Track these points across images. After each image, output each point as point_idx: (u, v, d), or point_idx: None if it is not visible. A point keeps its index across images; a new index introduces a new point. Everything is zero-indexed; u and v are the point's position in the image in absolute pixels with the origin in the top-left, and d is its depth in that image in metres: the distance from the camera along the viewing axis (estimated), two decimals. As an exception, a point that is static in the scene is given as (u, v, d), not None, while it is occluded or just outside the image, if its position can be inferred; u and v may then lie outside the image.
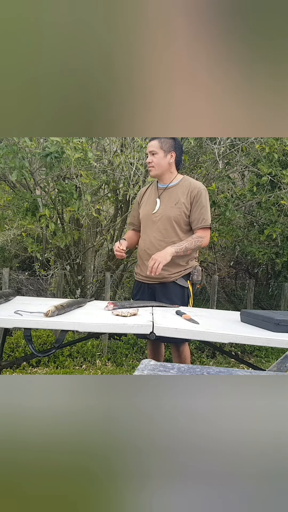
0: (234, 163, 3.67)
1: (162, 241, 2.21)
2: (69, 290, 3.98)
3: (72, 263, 3.88)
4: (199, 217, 2.20)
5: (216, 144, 3.35)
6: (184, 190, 2.23)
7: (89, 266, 3.93)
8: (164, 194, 2.27)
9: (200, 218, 2.20)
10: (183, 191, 2.23)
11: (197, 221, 2.21)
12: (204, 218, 2.21)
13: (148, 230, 2.28)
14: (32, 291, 4.19)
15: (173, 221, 2.20)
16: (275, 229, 3.52)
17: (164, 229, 2.22)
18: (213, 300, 3.91)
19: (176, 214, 2.20)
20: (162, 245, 2.19)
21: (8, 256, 5.05)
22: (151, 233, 2.26)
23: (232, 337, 1.52)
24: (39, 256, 3.60)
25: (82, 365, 3.43)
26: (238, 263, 5.24)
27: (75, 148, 2.65)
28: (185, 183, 2.25)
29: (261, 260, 4.08)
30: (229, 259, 5.14)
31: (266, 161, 3.24)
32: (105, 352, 3.63)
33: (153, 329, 1.55)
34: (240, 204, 3.71)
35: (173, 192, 2.25)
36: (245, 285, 4.67)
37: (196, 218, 2.21)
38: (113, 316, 1.74)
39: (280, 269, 4.89)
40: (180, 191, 2.23)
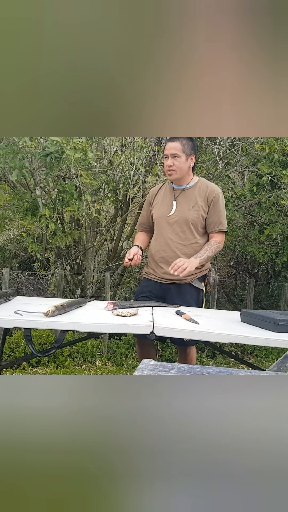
0: (234, 163, 3.67)
1: (179, 243, 2.19)
2: (69, 290, 3.98)
3: (72, 263, 3.88)
4: (216, 221, 2.20)
5: (216, 144, 3.35)
6: (201, 192, 2.21)
7: (89, 266, 3.93)
8: (181, 196, 2.23)
9: (217, 221, 2.20)
10: (200, 193, 2.21)
11: (213, 225, 2.20)
12: (221, 222, 2.21)
13: (163, 231, 2.24)
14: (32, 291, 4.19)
15: (190, 224, 2.18)
16: (275, 229, 3.52)
17: (182, 231, 2.20)
18: (213, 300, 3.91)
19: (194, 216, 2.18)
20: (179, 247, 2.18)
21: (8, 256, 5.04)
22: (167, 235, 2.22)
23: (232, 337, 1.52)
24: (39, 256, 3.60)
25: (82, 365, 3.43)
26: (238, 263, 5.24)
27: (75, 148, 2.65)
28: (202, 186, 2.23)
29: (261, 260, 4.08)
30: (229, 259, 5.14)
31: (266, 161, 3.24)
32: (105, 352, 3.63)
33: (153, 329, 1.55)
34: (240, 204, 3.71)
35: (190, 194, 2.22)
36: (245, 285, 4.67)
37: (213, 222, 2.20)
38: (113, 316, 1.74)
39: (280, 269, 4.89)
40: (197, 193, 2.21)
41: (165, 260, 2.22)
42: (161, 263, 2.23)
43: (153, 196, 2.38)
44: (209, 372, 0.84)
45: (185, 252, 2.18)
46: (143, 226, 2.42)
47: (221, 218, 2.21)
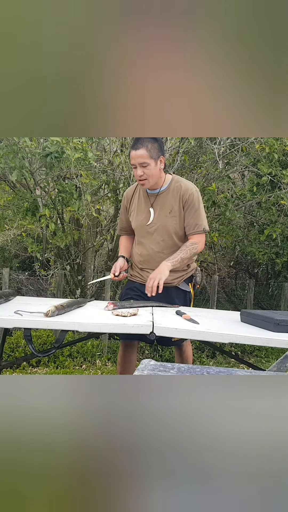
0: (234, 163, 3.67)
1: (161, 252, 2.12)
2: (69, 290, 3.98)
3: (72, 263, 3.88)
4: (192, 223, 2.09)
5: (216, 144, 3.35)
6: (175, 195, 2.10)
7: (89, 266, 3.93)
8: (157, 202, 2.13)
9: (193, 224, 2.09)
10: (174, 196, 2.10)
11: (190, 227, 2.10)
12: (197, 224, 2.10)
13: (144, 241, 2.17)
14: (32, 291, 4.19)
15: (171, 232, 2.11)
16: (275, 229, 3.52)
17: (162, 240, 2.12)
18: (213, 300, 3.91)
19: (172, 224, 2.10)
20: (161, 256, 2.10)
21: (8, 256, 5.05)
22: (148, 245, 2.16)
23: (232, 337, 1.52)
24: (39, 256, 3.60)
25: (82, 365, 3.44)
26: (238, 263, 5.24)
27: (75, 148, 2.65)
28: (175, 186, 2.12)
29: (261, 260, 4.08)
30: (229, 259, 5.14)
31: (266, 161, 3.24)
32: (105, 352, 3.63)
33: (153, 329, 1.55)
34: (240, 204, 3.71)
35: (165, 199, 2.12)
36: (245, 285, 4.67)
37: (189, 224, 2.10)
38: (113, 316, 1.74)
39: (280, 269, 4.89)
40: (172, 197, 2.11)
41: (148, 267, 2.16)
42: (145, 270, 2.19)
43: (128, 200, 2.26)
44: (209, 372, 0.84)
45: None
46: (125, 230, 2.34)
47: (198, 219, 2.10)
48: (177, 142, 3.50)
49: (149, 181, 2.05)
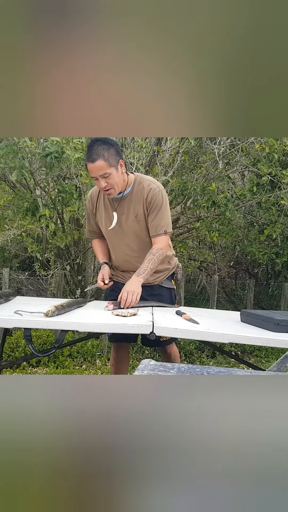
0: (234, 163, 3.67)
1: (136, 256, 2.07)
2: (69, 290, 3.98)
3: (72, 263, 3.89)
4: (155, 224, 2.00)
5: (216, 144, 3.35)
6: (139, 197, 2.01)
7: (89, 266, 3.93)
8: (121, 206, 2.04)
9: (155, 226, 2.00)
10: (138, 199, 2.02)
11: (152, 229, 2.02)
12: (159, 225, 2.00)
13: (116, 247, 2.12)
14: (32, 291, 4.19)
15: (141, 236, 2.05)
16: (275, 229, 3.53)
17: (134, 244, 2.08)
18: (213, 300, 3.91)
19: (141, 229, 2.04)
20: (137, 259, 2.05)
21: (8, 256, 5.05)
22: (122, 250, 2.11)
23: (232, 337, 1.52)
24: (39, 256, 3.60)
25: (82, 365, 3.44)
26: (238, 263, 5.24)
27: (75, 148, 2.65)
28: (138, 188, 2.03)
29: (261, 260, 4.09)
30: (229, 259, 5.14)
31: (266, 161, 3.24)
32: (105, 352, 3.63)
33: (153, 329, 1.55)
34: (240, 204, 3.71)
35: (130, 202, 2.03)
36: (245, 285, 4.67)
37: (152, 226, 2.01)
38: (113, 316, 1.74)
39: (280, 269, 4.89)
40: (136, 200, 2.02)
41: (128, 271, 2.13)
42: (124, 273, 2.16)
43: (94, 205, 2.16)
44: (209, 372, 0.84)
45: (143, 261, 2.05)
46: (96, 233, 2.24)
47: (160, 221, 2.00)
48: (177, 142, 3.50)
49: (115, 189, 1.96)
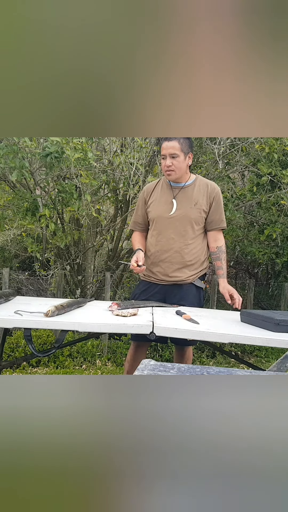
0: (234, 163, 3.67)
1: (182, 242, 2.17)
2: (69, 290, 3.98)
3: (72, 263, 3.88)
4: (218, 219, 2.21)
5: (216, 144, 3.35)
6: (202, 191, 2.19)
7: (89, 266, 3.93)
8: (181, 194, 2.19)
9: (219, 219, 2.21)
10: (200, 192, 2.19)
11: (215, 223, 2.21)
12: (223, 220, 2.23)
13: (164, 231, 2.20)
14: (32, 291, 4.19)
15: (193, 222, 2.17)
16: (275, 229, 3.52)
17: (184, 230, 2.17)
18: (213, 300, 3.91)
19: (196, 215, 2.16)
20: (181, 246, 2.16)
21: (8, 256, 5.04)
22: (169, 235, 2.18)
23: (232, 337, 1.52)
24: (39, 256, 3.60)
25: (82, 365, 3.43)
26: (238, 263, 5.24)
27: (75, 148, 2.65)
28: (201, 183, 2.21)
29: (261, 260, 4.08)
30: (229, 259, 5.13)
31: (266, 161, 3.24)
32: (105, 352, 3.63)
33: (153, 329, 1.55)
34: (240, 204, 3.71)
35: (190, 193, 2.19)
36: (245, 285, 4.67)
37: (215, 220, 2.21)
38: (113, 316, 1.74)
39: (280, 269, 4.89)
40: (197, 192, 2.19)
41: (166, 260, 2.19)
42: (161, 263, 2.20)
43: (149, 193, 2.30)
44: (209, 372, 0.84)
45: (187, 252, 2.17)
46: (139, 226, 2.35)
47: (222, 216, 2.23)
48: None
49: (176, 172, 2.13)
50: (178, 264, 2.17)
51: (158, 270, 2.22)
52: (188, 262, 2.17)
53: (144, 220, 2.32)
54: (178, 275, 2.17)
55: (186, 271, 2.17)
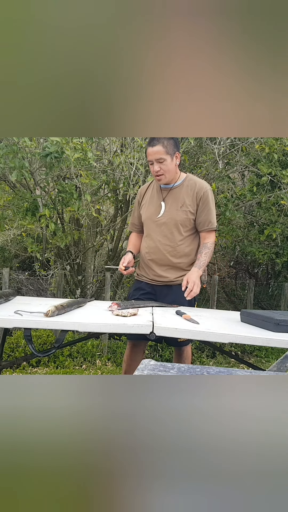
0: (234, 163, 3.67)
1: (168, 245, 2.18)
2: (69, 290, 3.98)
3: (72, 263, 3.88)
4: (206, 220, 2.17)
5: (216, 144, 3.35)
6: (189, 191, 2.17)
7: (89, 266, 3.93)
8: (169, 196, 2.20)
9: (207, 220, 2.18)
10: (188, 192, 2.17)
11: (203, 224, 2.18)
12: (211, 221, 2.19)
13: (152, 233, 2.23)
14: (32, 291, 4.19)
15: (179, 225, 2.16)
16: (275, 229, 3.52)
17: (170, 233, 2.18)
18: (213, 300, 3.91)
19: (182, 217, 2.16)
20: (168, 249, 2.18)
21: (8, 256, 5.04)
22: (156, 237, 2.21)
23: (232, 337, 1.52)
24: (39, 256, 3.60)
25: (82, 365, 3.43)
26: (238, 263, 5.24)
27: (75, 148, 2.65)
28: (189, 183, 2.19)
29: (261, 260, 4.08)
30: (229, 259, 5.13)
31: (266, 161, 3.24)
32: (105, 352, 3.63)
33: (153, 329, 1.55)
34: (240, 204, 3.71)
35: (177, 194, 2.18)
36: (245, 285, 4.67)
37: (203, 221, 2.18)
38: (113, 316, 1.74)
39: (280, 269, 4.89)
40: (185, 191, 2.17)
41: (155, 262, 2.22)
42: (151, 265, 2.24)
43: (141, 195, 2.34)
44: (209, 372, 0.84)
45: (174, 254, 2.18)
46: (135, 227, 2.40)
47: (211, 217, 2.19)
48: (177, 142, 3.49)
49: (166, 176, 2.13)
50: (166, 266, 2.21)
51: (149, 270, 2.26)
52: (177, 263, 2.19)
53: (139, 221, 2.36)
54: (167, 276, 2.20)
55: (175, 272, 2.19)
